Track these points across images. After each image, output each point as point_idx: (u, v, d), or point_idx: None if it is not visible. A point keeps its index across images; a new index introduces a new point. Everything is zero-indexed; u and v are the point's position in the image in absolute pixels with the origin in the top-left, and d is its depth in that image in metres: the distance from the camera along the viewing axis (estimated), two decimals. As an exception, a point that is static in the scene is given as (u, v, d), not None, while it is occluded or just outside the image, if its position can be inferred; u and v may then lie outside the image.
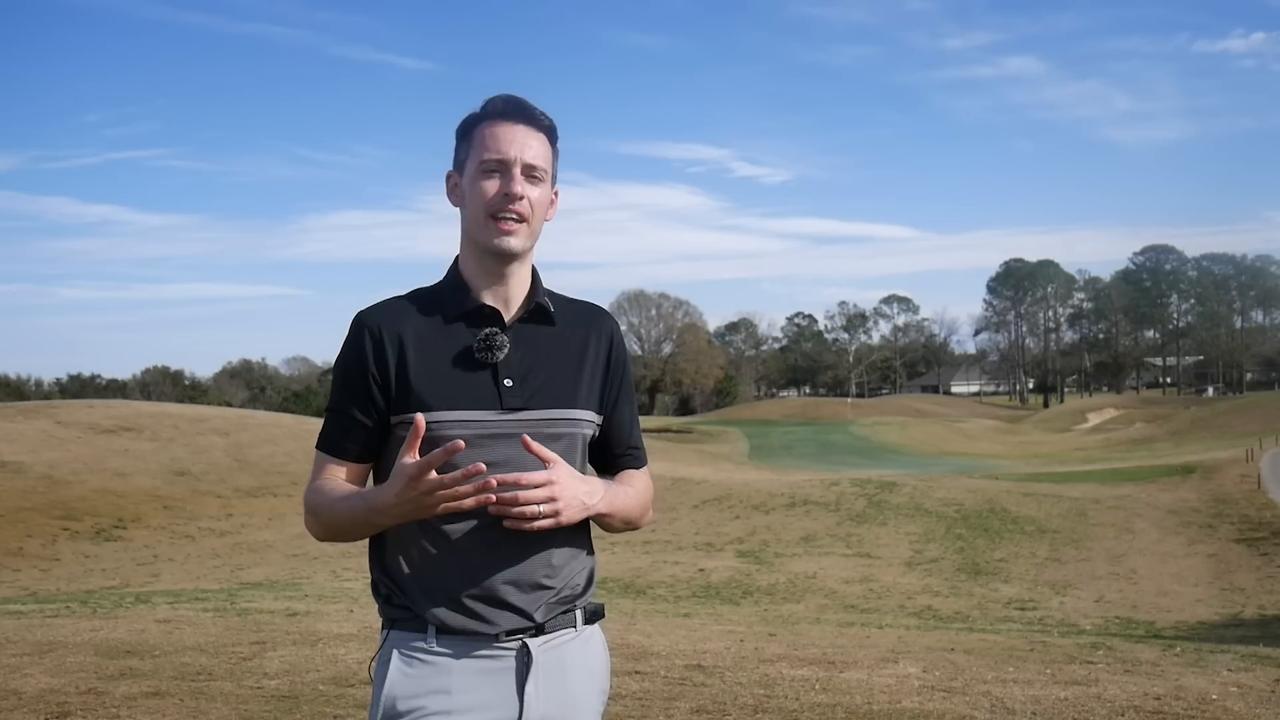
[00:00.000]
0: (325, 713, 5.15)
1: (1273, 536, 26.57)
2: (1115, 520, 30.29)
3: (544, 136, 1.87)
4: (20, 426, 34.66)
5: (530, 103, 1.87)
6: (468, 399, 1.80)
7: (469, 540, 1.79)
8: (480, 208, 1.83)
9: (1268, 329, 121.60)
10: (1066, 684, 6.01)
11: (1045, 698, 5.53)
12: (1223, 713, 5.17)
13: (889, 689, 5.79)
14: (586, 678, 1.89)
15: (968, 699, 5.52)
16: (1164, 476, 39.72)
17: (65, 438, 33.83)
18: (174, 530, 26.23)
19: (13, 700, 5.38)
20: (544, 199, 1.87)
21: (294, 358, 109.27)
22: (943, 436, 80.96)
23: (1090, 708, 5.28)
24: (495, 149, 1.82)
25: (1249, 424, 65.45)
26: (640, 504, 1.96)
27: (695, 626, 10.28)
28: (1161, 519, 30.49)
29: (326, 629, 8.20)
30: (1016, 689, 5.81)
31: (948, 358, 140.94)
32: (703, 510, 31.34)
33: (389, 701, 1.78)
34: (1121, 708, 5.29)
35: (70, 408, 40.25)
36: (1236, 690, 5.81)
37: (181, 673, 6.14)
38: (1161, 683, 6.09)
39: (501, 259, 1.85)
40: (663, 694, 5.62)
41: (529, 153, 1.83)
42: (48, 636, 7.57)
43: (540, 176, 1.85)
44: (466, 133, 1.88)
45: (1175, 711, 5.20)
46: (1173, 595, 20.87)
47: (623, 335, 2.02)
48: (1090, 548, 26.52)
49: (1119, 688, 5.88)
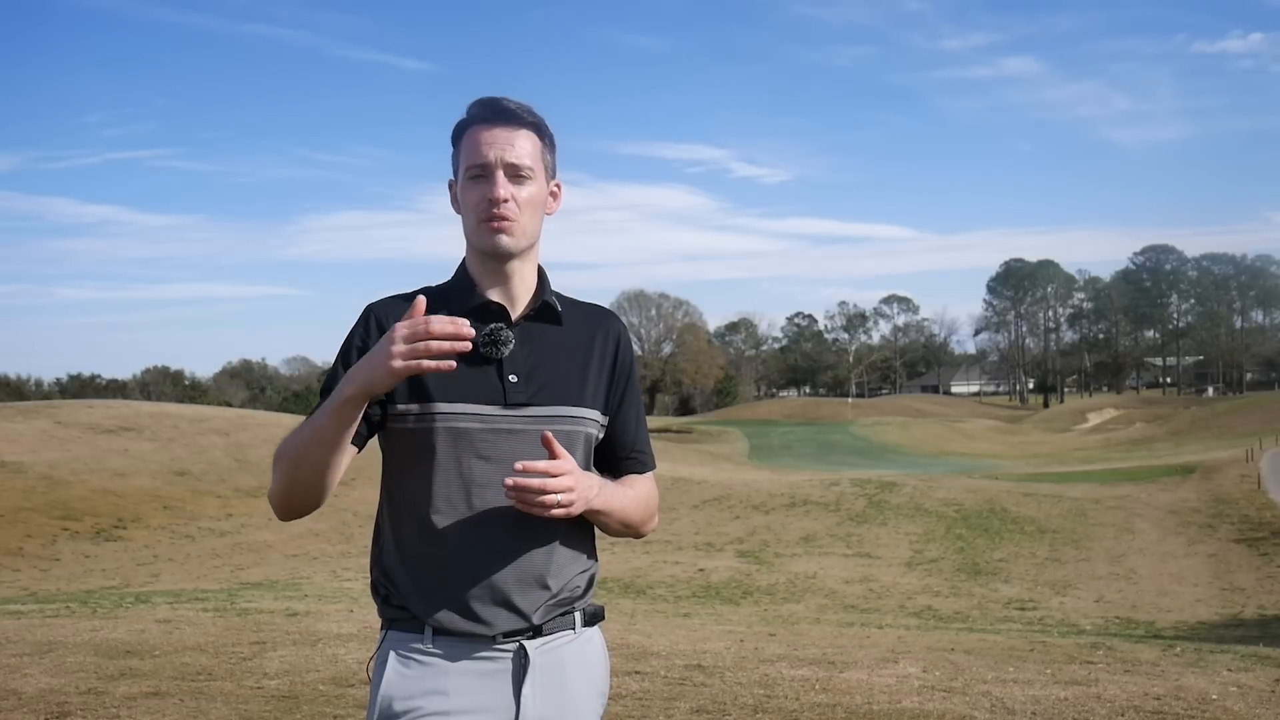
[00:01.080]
0: (325, 713, 5.15)
1: (1273, 536, 26.57)
2: (1115, 520, 30.30)
3: (528, 132, 1.86)
4: (20, 426, 34.67)
5: (510, 102, 1.86)
6: (472, 393, 1.80)
7: (468, 542, 1.79)
8: (471, 213, 1.85)
9: (1268, 329, 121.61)
10: (1066, 684, 6.01)
11: (1045, 698, 5.53)
12: (1223, 713, 5.16)
13: (889, 689, 5.78)
14: (584, 680, 1.88)
15: (968, 699, 5.52)
16: (1164, 476, 39.72)
17: (65, 438, 33.83)
18: (174, 530, 26.23)
19: (13, 700, 5.38)
20: (535, 196, 1.86)
21: (294, 358, 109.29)
22: (943, 437, 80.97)
23: (1090, 708, 5.27)
24: (477, 154, 1.83)
25: (1249, 424, 65.46)
26: (641, 507, 1.94)
27: (695, 626, 10.28)
28: (1161, 519, 30.49)
29: (326, 629, 8.20)
30: (1016, 689, 5.81)
31: (948, 358, 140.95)
32: (703, 510, 31.34)
33: (385, 702, 1.78)
34: (1121, 708, 5.28)
35: (70, 408, 40.26)
36: (1236, 690, 5.80)
37: (181, 673, 6.14)
38: (1161, 683, 6.08)
39: (500, 259, 1.85)
40: (663, 694, 5.62)
41: (511, 153, 1.82)
42: (48, 636, 7.57)
43: (527, 174, 1.84)
44: (456, 140, 1.89)
45: (1175, 711, 5.19)
46: (1173, 595, 20.86)
47: (630, 338, 2.02)
48: (1090, 548, 26.52)
49: (1119, 688, 5.87)
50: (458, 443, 1.79)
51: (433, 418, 1.79)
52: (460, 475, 1.79)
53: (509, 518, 1.77)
